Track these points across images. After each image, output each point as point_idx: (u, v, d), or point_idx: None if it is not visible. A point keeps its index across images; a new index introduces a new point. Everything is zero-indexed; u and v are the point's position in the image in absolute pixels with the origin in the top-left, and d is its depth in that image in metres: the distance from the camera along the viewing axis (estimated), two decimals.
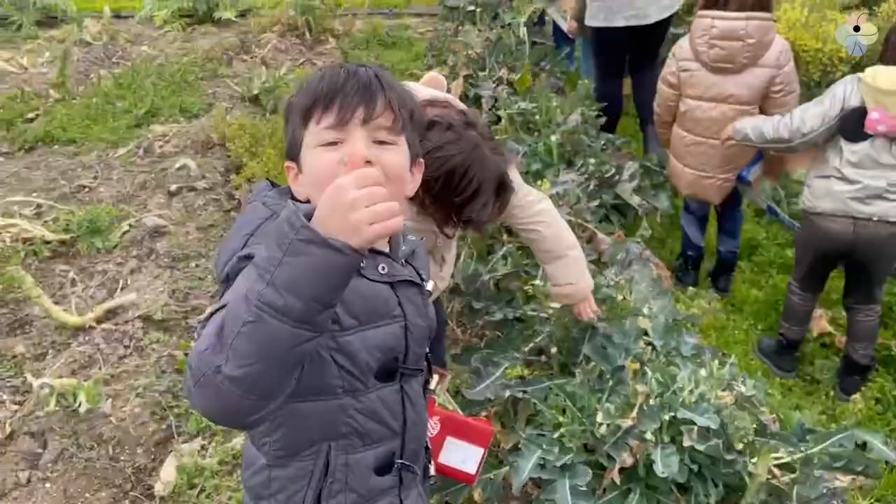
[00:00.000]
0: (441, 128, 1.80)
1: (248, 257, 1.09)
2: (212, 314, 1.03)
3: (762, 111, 3.29)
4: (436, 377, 1.47)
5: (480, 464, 1.76)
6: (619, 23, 4.18)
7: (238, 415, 0.98)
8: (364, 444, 1.23)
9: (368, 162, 1.09)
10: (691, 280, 3.79)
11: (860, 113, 2.81)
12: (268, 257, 0.94)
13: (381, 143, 1.16)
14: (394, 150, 1.18)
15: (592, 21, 4.31)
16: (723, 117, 3.32)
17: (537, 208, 2.17)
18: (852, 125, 2.83)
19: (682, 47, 3.42)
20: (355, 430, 1.21)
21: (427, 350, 1.34)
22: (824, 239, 2.98)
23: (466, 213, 1.83)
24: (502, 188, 1.87)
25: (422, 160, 1.30)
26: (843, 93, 2.87)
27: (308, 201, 1.20)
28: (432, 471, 1.43)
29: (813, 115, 2.94)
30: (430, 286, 1.33)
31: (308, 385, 1.09)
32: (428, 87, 2.15)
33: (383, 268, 1.21)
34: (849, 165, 2.86)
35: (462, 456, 1.73)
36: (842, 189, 2.87)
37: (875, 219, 2.84)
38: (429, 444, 1.42)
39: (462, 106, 2.09)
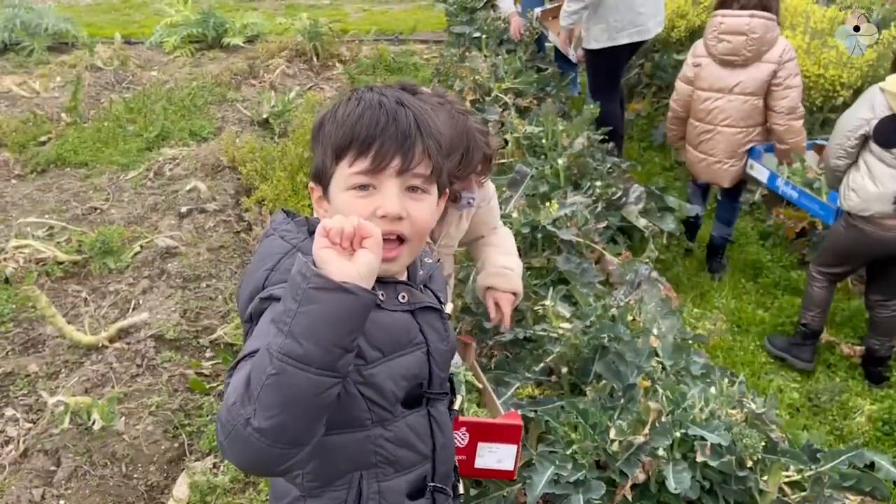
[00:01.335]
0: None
1: (270, 298, 1.11)
2: (238, 362, 1.05)
3: (765, 103, 3.62)
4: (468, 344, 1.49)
5: (517, 459, 1.81)
6: (624, 40, 4.36)
7: (269, 464, 0.99)
8: (395, 471, 1.24)
9: (400, 217, 1.13)
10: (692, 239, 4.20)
11: (892, 119, 2.89)
12: (284, 310, 0.96)
13: (414, 188, 1.17)
14: (425, 201, 1.18)
15: (594, 44, 4.44)
16: (730, 106, 3.66)
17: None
18: (886, 132, 2.92)
19: (696, 45, 3.80)
20: (386, 458, 1.22)
21: (450, 373, 1.36)
22: (878, 244, 3.04)
23: None
24: (472, 147, 1.91)
25: (448, 190, 1.32)
26: (870, 101, 2.96)
27: None
28: (461, 489, 1.45)
29: (846, 124, 3.04)
30: (448, 309, 1.34)
31: (337, 419, 1.11)
32: None
33: (403, 296, 1.22)
34: None
35: (497, 456, 1.78)
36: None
37: None
38: (456, 463, 1.44)
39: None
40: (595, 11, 4.33)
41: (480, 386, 2.11)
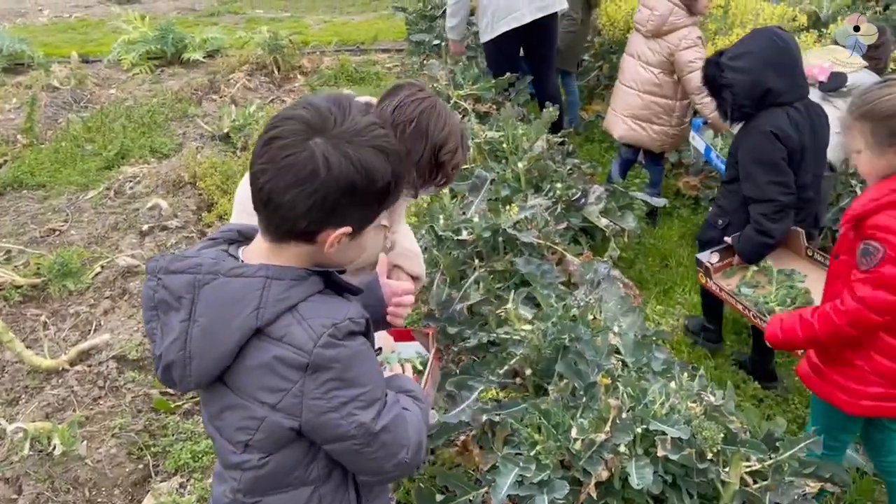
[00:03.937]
0: (401, 88, 1.96)
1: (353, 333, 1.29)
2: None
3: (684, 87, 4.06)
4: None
5: (429, 377, 1.92)
6: (502, 29, 4.60)
7: None
8: None
9: None
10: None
11: None
12: None
13: None
14: None
15: (484, 37, 4.76)
16: (631, 69, 4.16)
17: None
18: None
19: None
20: None
21: None
22: None
23: (441, 155, 1.92)
24: (464, 138, 2.00)
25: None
26: None
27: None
28: None
29: None
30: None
31: None
32: None
33: None
34: None
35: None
36: None
37: None
38: None
39: None
40: (483, 9, 4.66)
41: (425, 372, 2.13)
